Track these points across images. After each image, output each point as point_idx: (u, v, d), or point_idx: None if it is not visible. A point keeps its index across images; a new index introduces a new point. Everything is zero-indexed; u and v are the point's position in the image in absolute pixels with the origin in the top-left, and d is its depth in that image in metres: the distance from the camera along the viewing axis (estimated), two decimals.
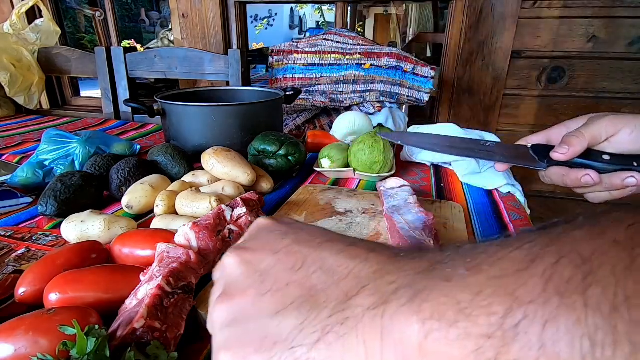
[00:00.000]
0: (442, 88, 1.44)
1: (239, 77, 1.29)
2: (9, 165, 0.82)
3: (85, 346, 0.28)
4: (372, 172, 0.76)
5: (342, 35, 1.25)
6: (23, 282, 0.39)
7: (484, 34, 1.31)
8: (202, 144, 0.80)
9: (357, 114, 0.92)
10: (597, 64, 1.27)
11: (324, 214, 0.59)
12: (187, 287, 0.37)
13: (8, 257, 0.47)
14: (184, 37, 1.56)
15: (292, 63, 1.22)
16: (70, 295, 0.36)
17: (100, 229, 0.51)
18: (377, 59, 1.17)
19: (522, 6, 1.25)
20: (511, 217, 0.62)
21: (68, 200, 0.59)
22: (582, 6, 1.22)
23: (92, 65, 1.45)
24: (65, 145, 0.77)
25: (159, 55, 1.38)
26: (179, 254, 0.40)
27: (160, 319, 0.32)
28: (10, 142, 1.05)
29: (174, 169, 0.73)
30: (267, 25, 9.33)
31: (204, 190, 0.62)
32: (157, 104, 0.87)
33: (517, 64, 1.33)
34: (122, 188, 0.65)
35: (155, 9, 8.13)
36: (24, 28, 1.50)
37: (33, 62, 1.46)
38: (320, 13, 7.38)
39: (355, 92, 1.20)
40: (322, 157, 0.80)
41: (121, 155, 0.76)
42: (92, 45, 1.98)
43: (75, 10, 5.50)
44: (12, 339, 0.29)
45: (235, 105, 0.84)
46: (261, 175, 0.70)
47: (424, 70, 1.15)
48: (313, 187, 0.71)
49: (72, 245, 0.44)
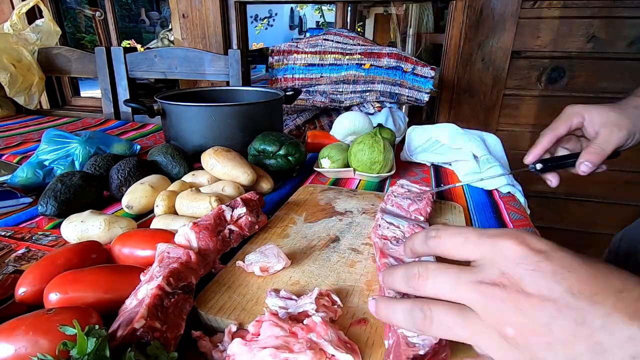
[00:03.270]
0: (442, 88, 1.44)
1: (239, 77, 1.29)
2: (9, 165, 0.82)
3: (85, 346, 0.28)
4: (372, 172, 0.76)
5: (342, 35, 1.25)
6: (23, 282, 0.39)
7: (484, 34, 1.31)
8: (202, 144, 0.80)
9: (357, 114, 0.92)
10: (597, 64, 1.27)
11: (324, 214, 0.59)
12: (187, 287, 0.37)
13: (8, 257, 0.47)
14: (184, 37, 1.56)
15: (292, 63, 1.22)
16: (70, 295, 0.36)
17: (100, 229, 0.51)
18: (377, 59, 1.17)
19: (522, 6, 1.25)
20: (511, 217, 0.62)
21: (68, 200, 0.59)
22: (582, 6, 1.22)
23: (92, 65, 1.45)
24: (65, 145, 0.77)
25: (159, 55, 1.38)
26: (179, 254, 0.40)
27: (161, 319, 0.32)
28: (10, 142, 1.05)
29: (174, 169, 0.73)
30: (267, 25, 9.33)
31: (204, 190, 0.62)
32: (157, 104, 0.87)
33: (517, 64, 1.33)
34: (122, 188, 0.65)
35: (155, 9, 8.13)
36: (24, 28, 1.50)
37: (33, 62, 1.46)
38: (320, 13, 7.38)
39: (355, 92, 1.20)
40: (322, 157, 0.80)
41: (121, 155, 0.76)
42: (92, 45, 1.98)
43: (75, 10, 5.50)
44: (12, 339, 0.29)
45: (235, 105, 0.84)
46: (261, 175, 0.70)
47: (424, 71, 1.15)
48: (313, 187, 0.71)
49: (72, 245, 0.44)
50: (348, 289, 0.41)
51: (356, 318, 0.36)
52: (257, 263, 0.43)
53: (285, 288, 0.40)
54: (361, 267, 0.45)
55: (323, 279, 0.43)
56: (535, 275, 0.23)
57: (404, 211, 0.54)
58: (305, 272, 0.44)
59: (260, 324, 0.33)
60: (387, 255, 0.43)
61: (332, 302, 0.37)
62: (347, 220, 0.57)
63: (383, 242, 0.46)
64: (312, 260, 0.46)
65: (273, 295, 0.38)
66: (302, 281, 0.42)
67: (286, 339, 0.31)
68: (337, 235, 0.52)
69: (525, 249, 0.24)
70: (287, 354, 0.29)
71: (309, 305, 0.35)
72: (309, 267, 0.45)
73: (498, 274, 0.24)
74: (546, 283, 0.23)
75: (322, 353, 0.30)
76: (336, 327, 0.33)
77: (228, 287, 0.41)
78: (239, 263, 0.44)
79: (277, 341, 0.30)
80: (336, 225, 0.55)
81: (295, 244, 0.50)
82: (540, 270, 0.23)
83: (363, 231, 0.53)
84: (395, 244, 0.46)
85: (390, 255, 0.43)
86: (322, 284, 0.42)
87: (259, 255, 0.44)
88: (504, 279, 0.24)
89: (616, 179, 1.39)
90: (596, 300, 0.22)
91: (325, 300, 0.37)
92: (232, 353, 0.31)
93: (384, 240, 0.47)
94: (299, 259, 0.46)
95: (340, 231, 0.53)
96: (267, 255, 0.44)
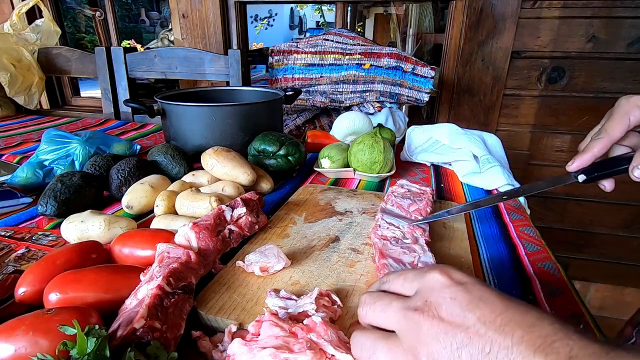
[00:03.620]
0: (442, 88, 1.44)
1: (239, 77, 1.29)
2: (9, 165, 0.82)
3: (85, 346, 0.28)
4: (372, 172, 0.76)
5: (342, 35, 1.25)
6: (23, 282, 0.39)
7: (484, 34, 1.31)
8: (202, 144, 0.80)
9: (357, 114, 0.92)
10: (597, 64, 1.27)
11: (324, 214, 0.59)
12: (187, 287, 0.37)
13: (8, 257, 0.47)
14: (184, 37, 1.56)
15: (292, 63, 1.22)
16: (70, 295, 0.36)
17: (100, 229, 0.51)
18: (377, 59, 1.17)
19: (522, 6, 1.25)
20: (511, 217, 0.62)
21: (68, 200, 0.59)
22: (582, 6, 1.22)
23: (92, 65, 1.45)
24: (65, 145, 0.77)
25: (159, 55, 1.38)
26: (179, 254, 0.40)
27: (161, 319, 0.32)
28: (10, 142, 1.05)
29: (174, 169, 0.73)
30: (267, 25, 9.32)
31: (204, 190, 0.62)
32: (157, 104, 0.87)
33: (517, 64, 1.33)
34: (122, 188, 0.65)
35: (155, 9, 8.13)
36: (24, 28, 1.50)
37: (33, 62, 1.46)
38: (320, 13, 7.37)
39: (355, 92, 1.20)
40: (322, 157, 0.80)
41: (121, 155, 0.76)
42: (92, 45, 1.98)
43: (75, 10, 5.50)
44: (12, 339, 0.29)
45: (235, 105, 0.84)
46: (261, 175, 0.70)
47: (423, 71, 1.15)
48: (313, 187, 0.71)
49: (72, 245, 0.44)
50: (348, 289, 0.41)
51: (356, 318, 0.36)
52: (257, 263, 0.43)
53: (285, 288, 0.40)
54: (361, 267, 0.45)
55: (323, 279, 0.43)
56: (453, 303, 0.25)
57: (404, 211, 0.54)
58: (305, 272, 0.44)
59: (260, 324, 0.33)
60: (387, 256, 0.43)
61: (332, 302, 0.37)
62: (347, 220, 0.57)
63: (383, 242, 0.46)
64: (312, 260, 0.46)
65: (273, 295, 0.38)
66: (302, 281, 0.42)
67: (286, 339, 0.31)
68: (337, 235, 0.52)
69: (448, 280, 0.27)
70: (287, 354, 0.29)
71: (309, 305, 0.35)
72: (309, 267, 0.45)
73: (422, 302, 0.26)
74: (461, 311, 0.24)
75: (322, 353, 0.30)
76: (336, 327, 0.33)
77: (228, 287, 0.41)
78: (239, 263, 0.44)
79: (277, 341, 0.30)
80: (336, 225, 0.55)
81: (295, 244, 0.50)
82: (457, 299, 0.25)
83: (363, 231, 0.53)
84: (395, 244, 0.46)
85: (389, 256, 0.43)
86: (322, 284, 0.42)
87: (259, 255, 0.44)
88: (425, 306, 0.26)
89: (616, 179, 1.39)
90: (505, 331, 0.22)
91: (325, 300, 0.37)
92: (232, 353, 0.31)
93: (384, 240, 0.47)
94: (299, 259, 0.46)
95: (340, 231, 0.53)
96: (267, 255, 0.44)
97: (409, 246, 0.46)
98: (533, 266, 0.49)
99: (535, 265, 0.49)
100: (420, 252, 0.44)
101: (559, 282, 0.45)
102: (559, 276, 0.47)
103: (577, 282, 1.56)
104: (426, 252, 0.44)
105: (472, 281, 0.26)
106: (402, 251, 0.45)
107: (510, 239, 0.56)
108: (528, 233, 0.57)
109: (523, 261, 0.50)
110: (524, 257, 0.51)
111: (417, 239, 0.47)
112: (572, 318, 0.40)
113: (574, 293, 0.44)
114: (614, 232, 1.47)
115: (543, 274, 0.47)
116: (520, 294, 0.43)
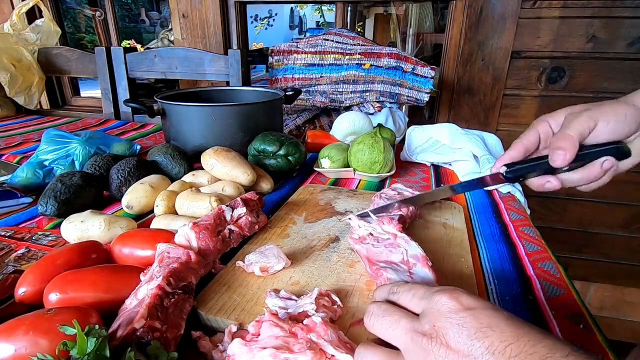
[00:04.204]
0: (442, 88, 1.43)
1: (239, 77, 1.29)
2: (9, 165, 0.82)
3: (85, 346, 0.28)
4: (372, 172, 0.76)
5: (342, 35, 1.25)
6: (23, 282, 0.39)
7: (484, 34, 1.31)
8: (202, 144, 0.80)
9: (357, 114, 0.92)
10: (597, 64, 1.27)
11: (324, 214, 0.59)
12: (187, 287, 0.37)
13: (8, 257, 0.47)
14: (184, 37, 1.56)
15: (292, 63, 1.22)
16: (70, 295, 0.36)
17: (100, 229, 0.51)
18: (377, 59, 1.17)
19: (522, 6, 1.25)
20: (511, 217, 0.62)
21: (68, 200, 0.59)
22: (582, 6, 1.22)
23: (92, 65, 1.45)
24: (65, 145, 0.77)
25: (159, 55, 1.38)
26: (179, 254, 0.40)
27: (161, 319, 0.32)
28: (10, 142, 1.05)
29: (174, 169, 0.73)
30: (267, 25, 9.31)
31: (204, 190, 0.62)
32: (157, 104, 0.87)
33: (517, 64, 1.33)
34: (122, 188, 0.65)
35: (155, 9, 8.12)
36: (24, 28, 1.50)
37: (33, 62, 1.46)
38: (320, 13, 7.37)
39: (355, 92, 1.20)
40: (322, 157, 0.80)
41: (121, 155, 0.76)
42: (92, 45, 1.98)
43: (75, 10, 5.50)
44: (12, 339, 0.29)
45: (235, 105, 0.84)
46: (261, 175, 0.70)
47: (423, 71, 1.15)
48: (313, 187, 0.71)
49: (72, 245, 0.44)
50: (348, 289, 0.41)
51: (356, 318, 0.36)
52: (257, 263, 0.43)
53: (285, 288, 0.40)
54: (361, 267, 0.45)
55: (323, 279, 0.43)
56: (460, 330, 0.24)
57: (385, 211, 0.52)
58: (305, 272, 0.44)
59: (260, 324, 0.33)
60: (375, 261, 0.42)
61: (332, 302, 0.37)
62: (347, 220, 0.57)
63: (365, 247, 0.45)
64: (312, 260, 0.46)
65: (273, 296, 0.38)
66: (302, 281, 0.42)
67: (286, 339, 0.31)
68: (337, 235, 0.52)
69: (456, 305, 0.26)
70: (287, 354, 0.29)
71: (308, 305, 0.35)
72: (309, 267, 0.45)
73: (429, 326, 0.26)
74: (468, 339, 0.24)
75: (322, 353, 0.30)
76: (336, 327, 0.33)
77: (228, 287, 0.41)
78: (239, 263, 0.44)
79: (277, 341, 0.30)
80: (336, 225, 0.55)
81: (295, 244, 0.50)
82: (465, 326, 0.24)
83: None
84: (377, 244, 0.45)
85: (378, 260, 0.43)
86: (322, 284, 0.42)
87: (259, 256, 0.44)
88: (433, 330, 0.25)
89: (616, 179, 1.37)
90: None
91: (325, 300, 0.37)
92: (232, 353, 0.31)
93: (364, 244, 0.45)
94: (299, 259, 0.46)
95: (340, 231, 0.53)
96: (267, 256, 0.44)
97: (391, 243, 0.44)
98: (533, 266, 0.49)
99: (535, 265, 0.49)
100: (405, 245, 0.43)
101: (559, 282, 0.45)
102: (559, 276, 0.47)
103: (577, 282, 1.56)
104: (409, 243, 0.43)
105: (482, 306, 0.26)
106: (388, 250, 0.43)
107: (510, 239, 0.56)
108: (528, 233, 0.57)
109: (523, 261, 0.50)
110: (524, 257, 0.51)
111: (395, 234, 0.45)
112: (572, 318, 0.40)
113: (574, 293, 0.44)
114: (614, 232, 1.47)
115: (543, 274, 0.47)
116: (520, 294, 0.43)
